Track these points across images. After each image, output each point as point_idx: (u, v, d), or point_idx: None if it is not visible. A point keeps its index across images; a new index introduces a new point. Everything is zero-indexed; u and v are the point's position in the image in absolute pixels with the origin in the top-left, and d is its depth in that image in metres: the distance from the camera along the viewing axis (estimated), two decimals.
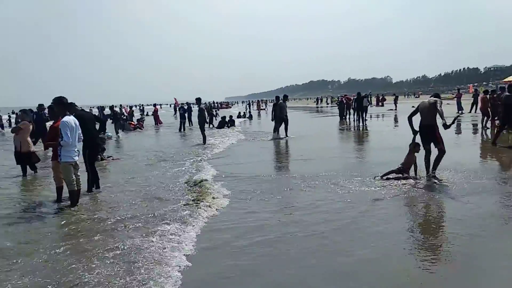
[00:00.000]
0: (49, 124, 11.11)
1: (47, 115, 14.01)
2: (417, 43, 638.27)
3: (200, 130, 14.88)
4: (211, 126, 22.17)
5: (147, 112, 42.73)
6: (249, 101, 67.82)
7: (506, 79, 24.79)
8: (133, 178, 8.78)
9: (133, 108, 34.25)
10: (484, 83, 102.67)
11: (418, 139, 7.62)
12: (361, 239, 4.64)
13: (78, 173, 6.48)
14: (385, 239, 4.61)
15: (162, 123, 27.56)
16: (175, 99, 44.00)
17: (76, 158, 6.32)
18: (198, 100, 15.15)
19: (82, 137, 6.54)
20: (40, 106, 15.11)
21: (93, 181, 7.38)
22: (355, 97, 22.93)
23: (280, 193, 6.86)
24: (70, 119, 6.21)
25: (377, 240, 4.58)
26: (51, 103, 6.39)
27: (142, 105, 55.89)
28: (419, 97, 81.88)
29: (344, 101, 26.42)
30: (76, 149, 6.31)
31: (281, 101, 16.04)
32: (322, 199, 6.33)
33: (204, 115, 15.01)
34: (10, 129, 11.27)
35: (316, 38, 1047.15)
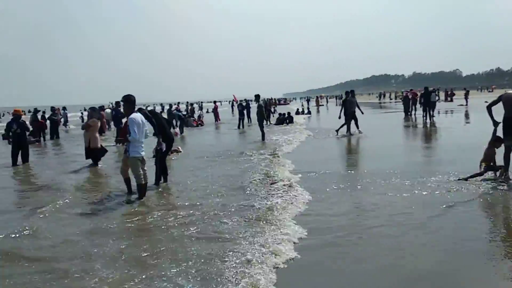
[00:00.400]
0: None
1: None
2: (491, 31, 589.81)
3: (259, 126, 14.88)
4: (268, 123, 22.15)
5: (207, 109, 43.76)
6: (307, 97, 66.99)
7: None
8: (202, 172, 8.96)
9: (194, 106, 35.21)
10: None
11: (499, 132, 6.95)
12: None
13: (145, 168, 6.72)
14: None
15: (220, 120, 28.05)
16: (234, 96, 44.58)
17: (143, 153, 6.55)
18: (257, 97, 15.16)
19: (149, 134, 6.79)
20: (118, 103, 16.10)
21: (162, 175, 7.64)
22: (422, 92, 21.71)
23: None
24: (137, 116, 6.44)
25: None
26: (121, 100, 6.69)
27: (201, 102, 57.49)
28: (492, 91, 75.80)
29: (410, 96, 25.08)
30: (143, 145, 6.54)
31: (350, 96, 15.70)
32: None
33: (262, 111, 14.97)
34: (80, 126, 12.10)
35: (377, 36, 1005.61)
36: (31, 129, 11.93)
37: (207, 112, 39.82)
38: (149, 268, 3.90)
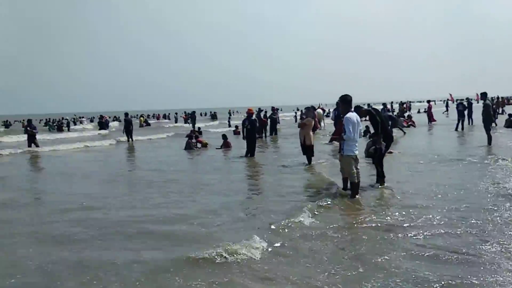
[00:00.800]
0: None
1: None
2: None
3: (484, 129, 12.96)
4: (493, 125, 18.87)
5: (419, 109, 41.03)
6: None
7: None
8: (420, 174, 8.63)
9: (409, 104, 33.39)
10: None
11: None
12: None
13: (358, 167, 6.85)
14: None
15: (435, 120, 25.65)
16: (450, 94, 40.27)
17: (357, 152, 6.69)
18: (484, 95, 13.18)
19: (363, 134, 6.91)
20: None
21: (381, 175, 7.60)
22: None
23: None
24: (353, 115, 6.63)
25: None
26: (338, 100, 7.02)
27: (410, 102, 53.64)
28: None
29: None
30: (357, 144, 6.69)
31: None
32: None
33: (490, 112, 12.97)
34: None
35: None
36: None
37: (418, 112, 37.30)
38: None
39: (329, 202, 6.38)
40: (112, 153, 17.84)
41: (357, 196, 6.69)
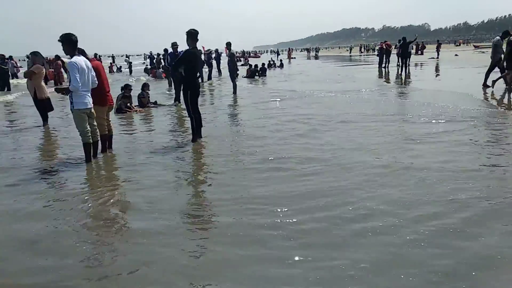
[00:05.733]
0: None
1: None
2: None
3: (230, 78, 13.73)
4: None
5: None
6: (277, 49, 65.00)
7: None
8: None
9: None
10: None
11: None
12: None
13: (94, 123, 5.63)
14: None
15: None
16: (203, 47, 42.40)
17: (90, 105, 5.40)
18: (229, 45, 13.82)
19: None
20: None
21: (198, 128, 6.73)
22: (400, 43, 21.00)
23: None
24: (80, 59, 5.22)
25: None
26: (58, 40, 5.34)
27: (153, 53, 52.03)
28: (460, 45, 76.58)
29: (384, 48, 24.32)
30: (89, 94, 5.38)
31: None
32: None
33: (235, 61, 13.78)
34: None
35: None
36: None
37: None
38: None
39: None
40: None
41: (92, 160, 5.53)
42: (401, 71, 19.65)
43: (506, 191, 4.03)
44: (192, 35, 6.37)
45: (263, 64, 23.66)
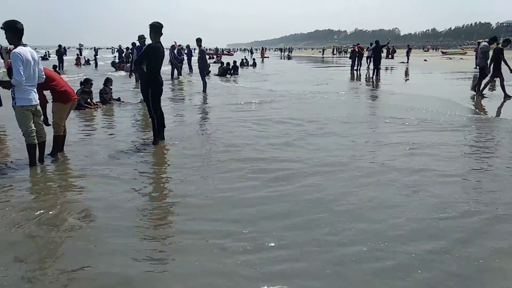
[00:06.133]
0: None
1: None
2: None
3: (200, 75, 13.19)
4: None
5: None
6: (251, 48, 64.61)
7: None
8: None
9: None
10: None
11: None
12: None
13: (40, 121, 5.04)
14: None
15: None
16: (175, 42, 41.38)
17: (35, 102, 4.80)
18: (199, 41, 13.25)
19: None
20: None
21: (159, 129, 6.22)
22: (372, 46, 21.06)
23: None
24: (25, 50, 4.61)
25: None
26: (1, 27, 4.71)
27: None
28: (428, 51, 78.81)
29: (357, 50, 24.41)
30: (35, 89, 4.79)
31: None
32: None
33: (205, 58, 13.24)
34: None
35: None
36: None
37: None
38: None
39: None
40: None
41: (38, 164, 4.96)
42: (373, 74, 19.68)
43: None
44: (156, 29, 5.84)
45: (235, 62, 23.17)
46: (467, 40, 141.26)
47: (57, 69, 23.33)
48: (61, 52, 25.52)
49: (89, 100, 9.64)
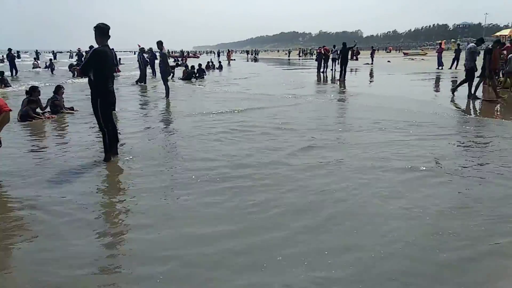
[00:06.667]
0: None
1: None
2: None
3: (162, 80, 12.51)
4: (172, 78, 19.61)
5: None
6: (218, 50, 63.84)
7: (498, 33, 23.52)
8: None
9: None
10: (453, 40, 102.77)
11: None
12: None
13: None
14: None
15: (120, 71, 24.46)
16: (139, 45, 40.09)
17: None
18: (160, 44, 12.56)
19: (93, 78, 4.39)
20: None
21: (112, 143, 5.54)
22: (338, 48, 21.06)
23: None
24: None
25: None
26: None
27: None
28: (390, 52, 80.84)
29: (323, 52, 24.36)
30: None
31: None
32: None
33: (167, 62, 12.57)
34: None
35: None
36: None
37: None
38: None
39: None
40: None
41: None
42: (340, 76, 19.59)
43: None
44: (101, 31, 5.17)
45: (200, 65, 22.44)
46: (426, 41, 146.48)
47: (12, 75, 21.90)
48: (12, 56, 23.93)
49: (38, 110, 8.78)
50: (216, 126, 7.86)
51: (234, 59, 52.02)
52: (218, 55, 51.12)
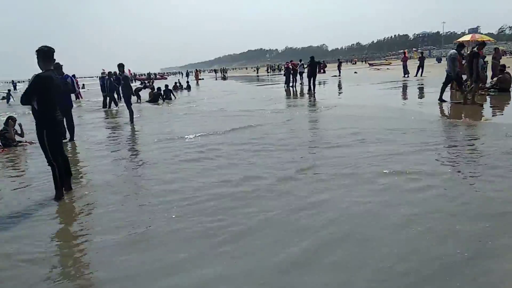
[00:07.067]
0: None
1: None
2: (351, 11, 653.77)
3: (125, 104, 11.86)
4: (138, 101, 18.89)
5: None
6: (187, 70, 63.34)
7: (461, 39, 24.20)
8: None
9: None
10: (414, 48, 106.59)
11: None
12: None
13: None
14: None
15: (82, 97, 23.48)
16: (104, 69, 39.23)
17: None
18: (121, 67, 11.93)
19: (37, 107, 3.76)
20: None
21: (63, 178, 4.87)
22: (306, 63, 21.07)
23: None
24: None
25: None
26: None
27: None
28: (355, 63, 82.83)
29: (291, 67, 24.34)
30: None
31: None
32: None
33: (130, 85, 11.94)
34: None
35: (251, 10, 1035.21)
36: None
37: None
38: None
39: None
40: None
41: None
42: (309, 90, 19.50)
43: None
44: (44, 54, 4.58)
45: (167, 86, 21.65)
46: (389, 51, 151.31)
47: None
48: None
49: None
50: (179, 154, 7.31)
51: (203, 78, 51.66)
52: (187, 75, 50.64)
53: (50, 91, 4.57)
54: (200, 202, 4.38)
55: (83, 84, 39.25)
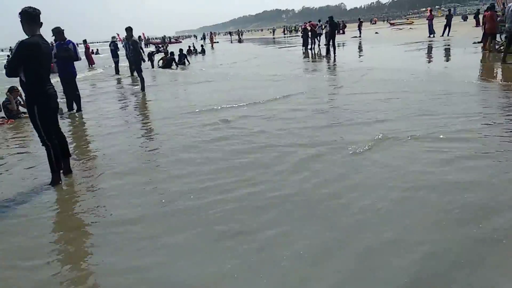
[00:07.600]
0: None
1: None
2: None
3: (135, 71, 11.22)
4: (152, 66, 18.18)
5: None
6: (204, 33, 61.40)
7: None
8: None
9: None
10: (437, 6, 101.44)
11: None
12: None
13: None
14: None
15: (94, 63, 22.81)
16: (118, 35, 38.62)
17: None
18: (130, 30, 11.16)
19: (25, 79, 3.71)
20: None
21: (60, 160, 4.28)
22: (325, 24, 19.87)
23: None
24: None
25: None
26: None
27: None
28: (375, 23, 79.20)
29: (309, 28, 23.04)
30: None
31: None
32: None
33: (139, 50, 11.24)
34: None
35: None
36: None
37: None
38: None
39: None
40: None
41: None
42: (328, 52, 18.43)
43: None
44: (29, 16, 3.90)
45: (181, 50, 20.70)
46: (410, 10, 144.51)
47: None
48: None
49: None
50: (196, 133, 6.69)
51: (218, 42, 50.26)
52: (203, 38, 49.25)
53: (38, 60, 3.93)
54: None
55: (97, 49, 38.52)
